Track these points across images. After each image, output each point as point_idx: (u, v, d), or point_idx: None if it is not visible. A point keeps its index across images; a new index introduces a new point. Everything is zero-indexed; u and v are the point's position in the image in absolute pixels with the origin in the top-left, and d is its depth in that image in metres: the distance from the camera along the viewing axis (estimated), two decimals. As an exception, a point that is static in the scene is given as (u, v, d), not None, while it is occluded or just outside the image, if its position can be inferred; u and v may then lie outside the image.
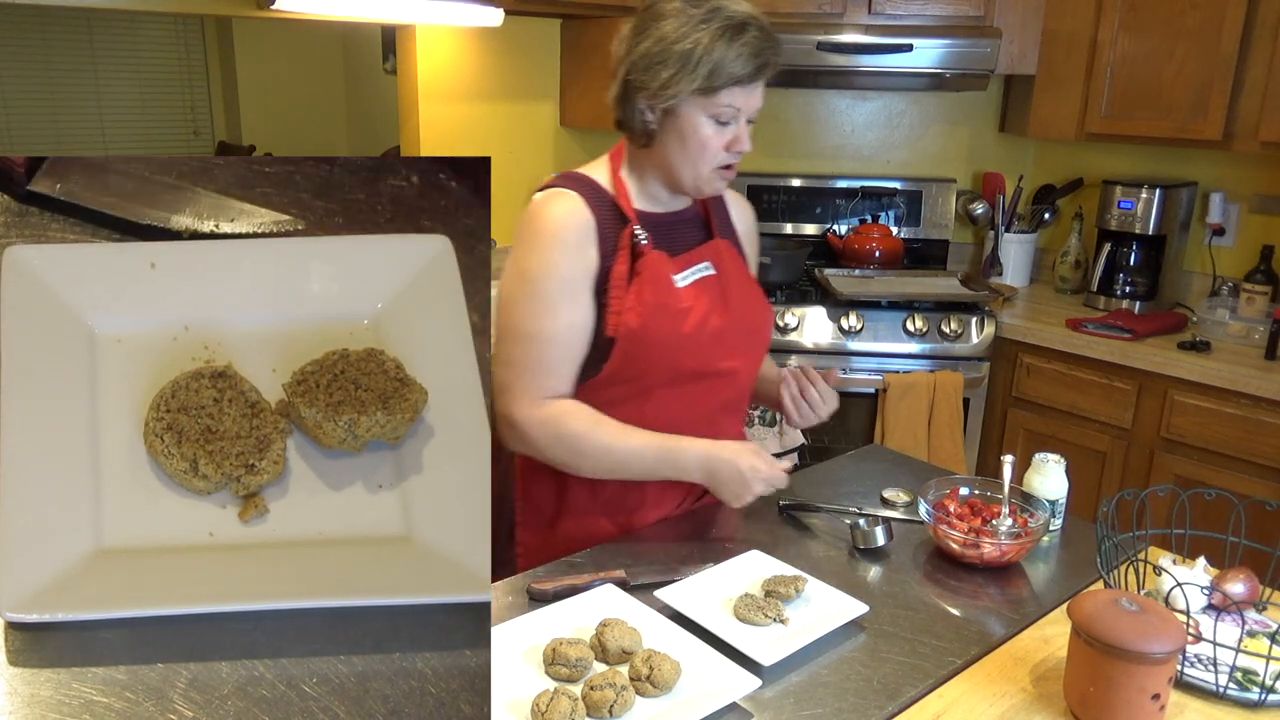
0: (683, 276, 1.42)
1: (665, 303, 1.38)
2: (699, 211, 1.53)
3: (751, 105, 1.37)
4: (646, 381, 1.41)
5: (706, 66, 1.31)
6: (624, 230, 1.40)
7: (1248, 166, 2.82)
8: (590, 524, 1.47)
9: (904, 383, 2.69)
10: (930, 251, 3.29)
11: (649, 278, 1.38)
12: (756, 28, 1.33)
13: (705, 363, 1.42)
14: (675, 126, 1.36)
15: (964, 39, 2.73)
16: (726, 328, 1.44)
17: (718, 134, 1.36)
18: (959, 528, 1.34)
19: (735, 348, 1.46)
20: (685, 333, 1.39)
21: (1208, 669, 1.10)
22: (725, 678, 1.05)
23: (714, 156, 1.38)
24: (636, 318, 1.37)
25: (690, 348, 1.40)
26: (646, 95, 1.35)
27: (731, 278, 1.48)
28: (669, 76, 1.32)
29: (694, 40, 1.31)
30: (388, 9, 2.34)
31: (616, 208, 1.41)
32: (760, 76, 1.35)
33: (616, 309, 1.37)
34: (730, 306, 1.45)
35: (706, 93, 1.32)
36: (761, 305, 1.54)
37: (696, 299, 1.42)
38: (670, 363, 1.39)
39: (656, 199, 1.46)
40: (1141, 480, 2.55)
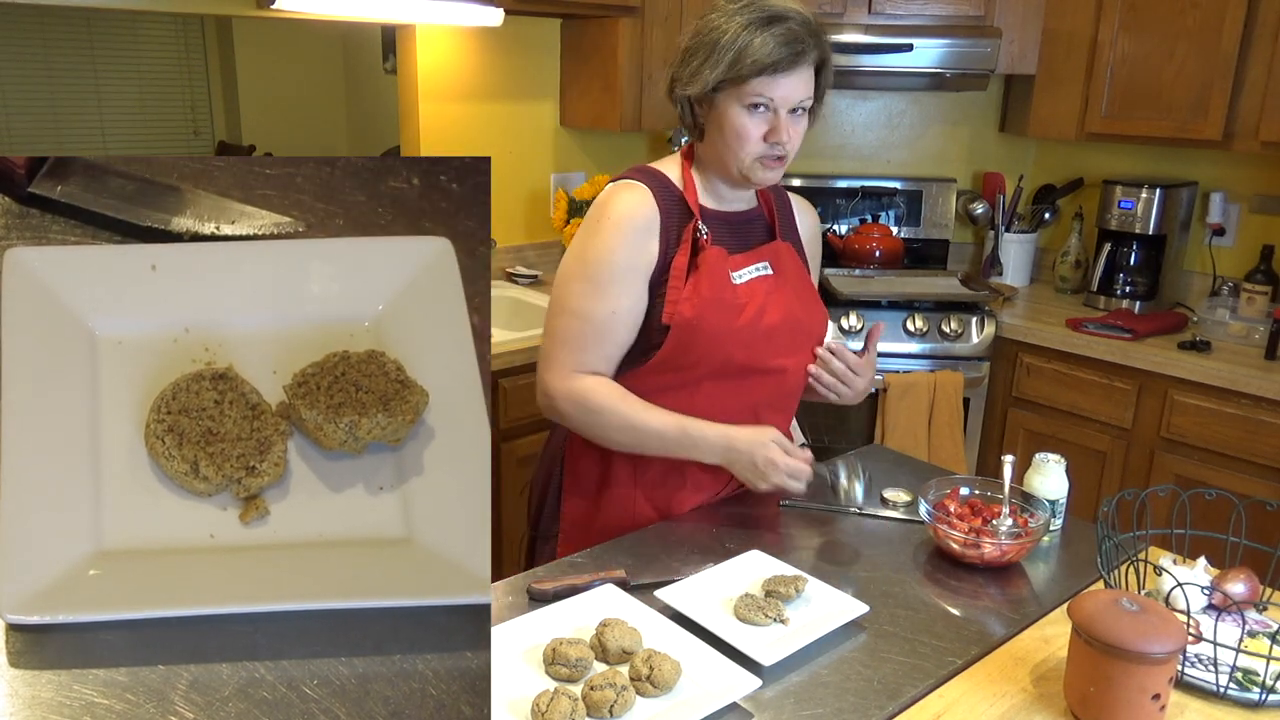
0: (741, 273, 1.46)
1: (721, 296, 1.42)
2: (764, 213, 1.57)
3: (786, 95, 1.37)
4: (697, 372, 1.45)
5: (730, 53, 1.34)
6: (688, 225, 1.45)
7: (1248, 166, 2.82)
8: (630, 501, 1.52)
9: (904, 383, 2.69)
10: (930, 251, 3.29)
11: (707, 271, 1.42)
12: (798, 21, 1.35)
13: (755, 358, 1.46)
14: (715, 118, 1.41)
15: (964, 39, 2.73)
16: (779, 326, 1.47)
17: (754, 124, 1.38)
18: (959, 528, 1.34)
19: (786, 346, 1.49)
20: (737, 326, 1.43)
21: (1208, 669, 1.10)
22: (725, 678, 1.05)
23: (753, 147, 1.39)
24: (692, 308, 1.41)
25: (741, 342, 1.44)
26: (680, 86, 1.41)
27: (789, 279, 1.52)
28: (697, 65, 1.37)
29: (721, 30, 1.35)
30: (388, 9, 2.34)
31: (683, 202, 1.46)
32: (790, 67, 1.35)
33: (673, 299, 1.42)
34: (785, 306, 1.49)
35: (735, 82, 1.36)
36: (816, 307, 1.57)
37: (751, 295, 1.46)
38: (721, 355, 1.43)
39: (721, 197, 1.50)
40: (1142, 480, 2.55)
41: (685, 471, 1.51)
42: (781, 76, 1.36)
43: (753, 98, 1.36)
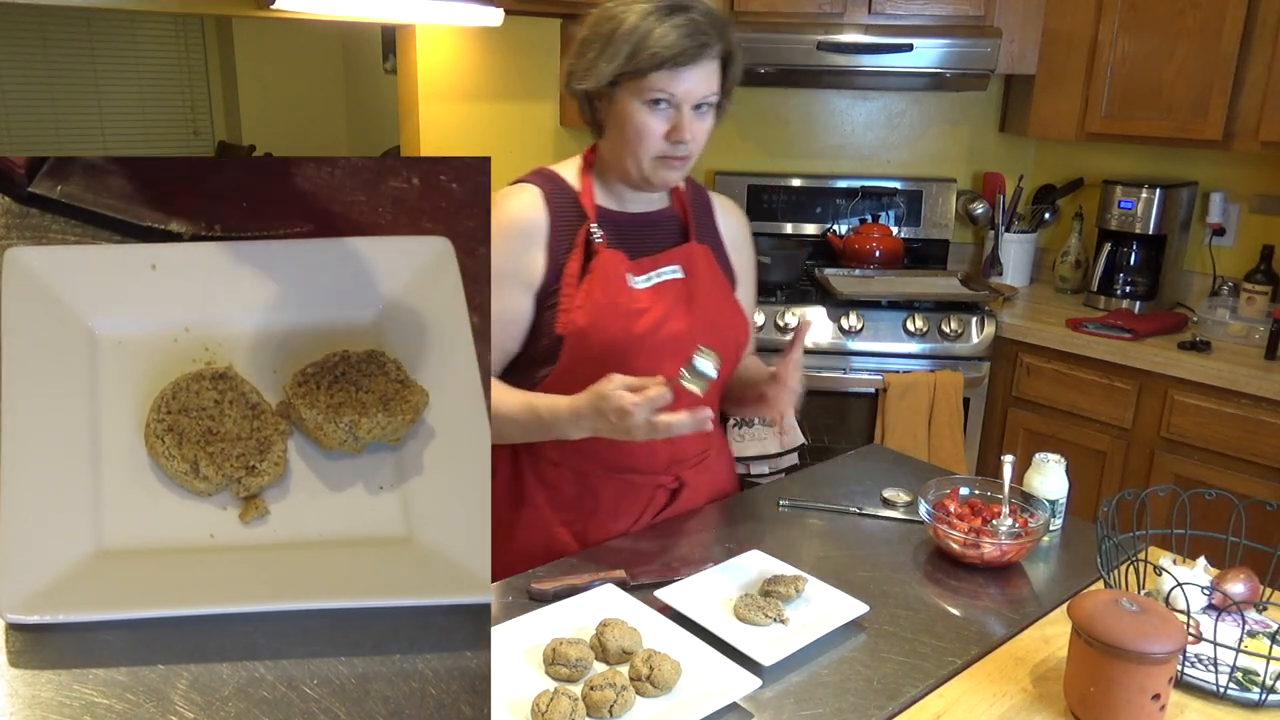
0: (644, 278, 1.39)
1: (616, 302, 1.35)
2: (677, 213, 1.49)
3: (688, 91, 1.30)
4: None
5: (627, 46, 1.27)
6: (581, 228, 1.38)
7: (1248, 166, 2.82)
8: (545, 524, 1.44)
9: (904, 383, 2.69)
10: (930, 251, 3.29)
11: (601, 276, 1.36)
12: (700, 11, 1.28)
13: (659, 367, 1.33)
14: (614, 113, 1.34)
15: (964, 39, 2.73)
16: (687, 333, 1.38)
17: (655, 121, 1.31)
18: (959, 528, 1.34)
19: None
20: (637, 334, 1.36)
21: (1208, 669, 1.10)
22: (725, 678, 1.05)
23: (653, 145, 1.32)
24: (585, 316, 1.35)
25: (642, 350, 1.36)
26: (578, 80, 1.34)
27: (702, 284, 1.43)
28: (593, 57, 1.30)
29: (619, 19, 1.28)
30: (388, 9, 2.34)
31: (578, 204, 1.39)
32: (691, 60, 1.28)
33: (566, 306, 1.35)
34: (695, 312, 1.41)
35: (635, 76, 1.29)
36: (733, 313, 1.48)
37: (655, 301, 1.38)
38: (620, 365, 1.32)
39: (624, 197, 1.43)
40: (1142, 480, 2.55)
41: (599, 493, 1.44)
42: (684, 70, 1.28)
43: (653, 93, 1.29)
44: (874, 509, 1.53)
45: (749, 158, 3.37)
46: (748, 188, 3.25)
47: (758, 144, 3.36)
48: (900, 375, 2.70)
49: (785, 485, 1.63)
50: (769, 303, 2.80)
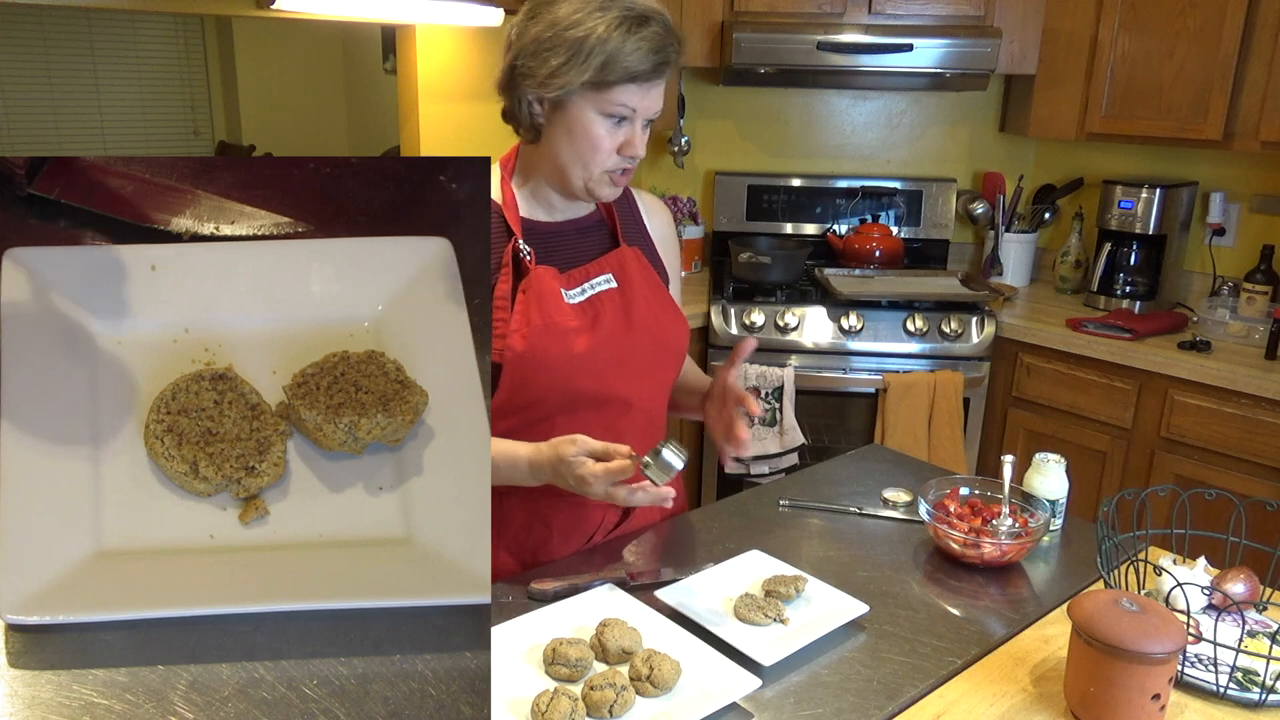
0: (578, 291, 1.33)
1: (554, 322, 1.29)
2: (603, 217, 1.42)
3: (648, 106, 1.26)
4: (542, 410, 1.32)
5: (599, 58, 1.20)
6: (507, 245, 1.31)
7: (1248, 166, 2.82)
8: (495, 560, 1.36)
9: (904, 383, 2.69)
10: (930, 251, 3.29)
11: (535, 296, 1.29)
12: (659, 23, 1.23)
13: (605, 385, 1.32)
14: (564, 121, 1.27)
15: (964, 39, 2.73)
16: (630, 347, 1.35)
17: (610, 134, 1.26)
18: (959, 528, 1.34)
19: (640, 368, 1.37)
20: (578, 354, 1.30)
21: (1208, 669, 1.10)
22: (725, 678, 1.05)
23: (605, 158, 1.27)
24: (522, 340, 1.28)
25: (585, 370, 1.31)
26: (533, 84, 1.25)
27: (637, 291, 1.38)
28: (558, 65, 1.22)
29: (588, 28, 1.21)
30: (388, 9, 2.34)
31: (503, 220, 1.33)
32: (659, 75, 1.24)
33: (501, 332, 1.28)
34: (634, 323, 1.35)
35: (599, 87, 1.22)
36: (672, 318, 1.43)
37: (592, 315, 1.33)
38: (564, 387, 1.29)
39: (552, 205, 1.37)
40: (1142, 480, 2.55)
41: (550, 521, 1.38)
42: (650, 86, 1.24)
43: (616, 106, 1.23)
44: (874, 509, 1.53)
45: (749, 158, 3.37)
46: (748, 188, 3.25)
47: (758, 144, 3.36)
48: (900, 375, 2.70)
49: (785, 485, 1.63)
50: (769, 303, 2.81)
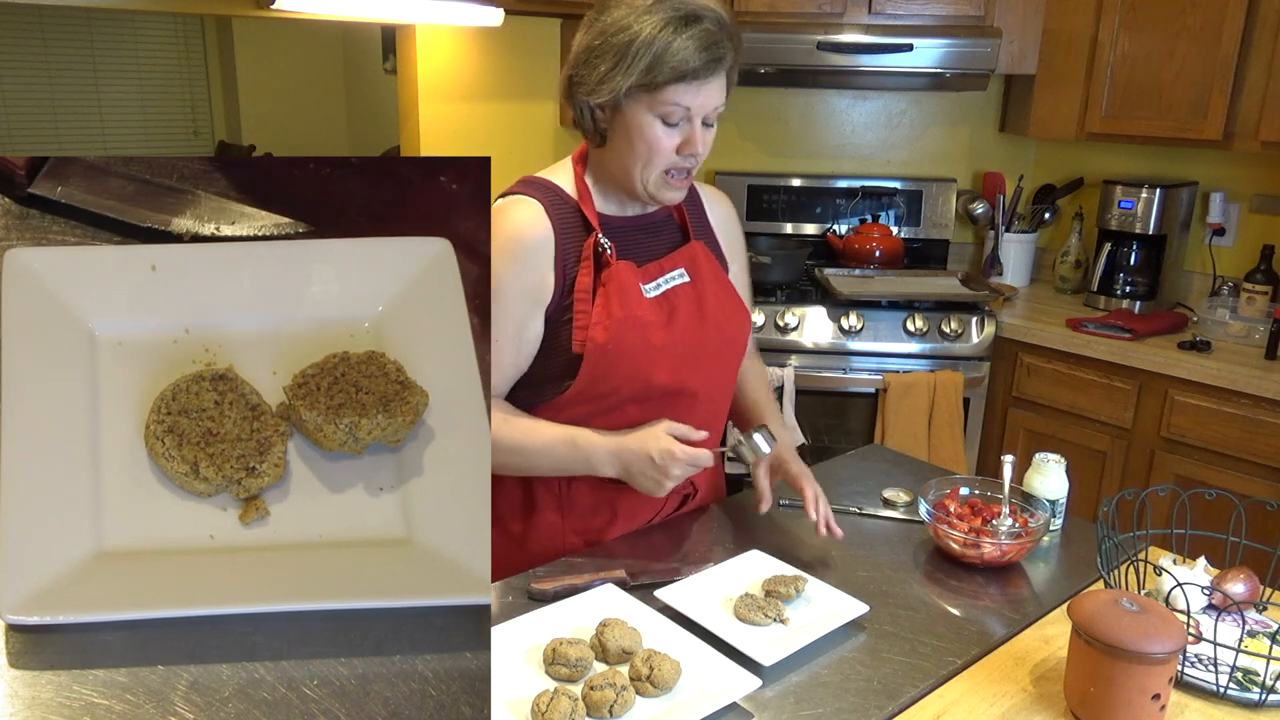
0: (653, 286, 1.36)
1: (635, 315, 1.31)
2: (672, 213, 1.45)
3: (704, 104, 1.26)
4: (615, 399, 1.34)
5: (645, 59, 1.21)
6: (588, 239, 1.33)
7: (1248, 166, 2.82)
8: (557, 532, 1.43)
9: (904, 383, 2.69)
10: (930, 251, 3.29)
11: (615, 290, 1.31)
12: (712, 20, 1.23)
13: (679, 377, 1.35)
14: (622, 125, 1.28)
15: (964, 39, 2.73)
16: (702, 340, 1.37)
17: (667, 135, 1.27)
18: (959, 528, 1.34)
19: (711, 361, 1.40)
20: (657, 346, 1.33)
21: (1208, 669, 1.10)
22: (725, 678, 1.05)
23: (664, 159, 1.28)
24: (604, 332, 1.30)
25: (662, 362, 1.33)
26: (585, 91, 1.28)
27: (708, 285, 1.41)
28: (606, 70, 1.24)
29: (634, 31, 1.22)
30: (388, 9, 2.34)
31: (580, 214, 1.35)
32: (710, 73, 1.24)
33: (583, 324, 1.31)
34: (706, 317, 1.38)
35: (649, 89, 1.23)
36: (739, 314, 1.46)
37: (669, 309, 1.35)
38: (641, 379, 1.32)
39: (624, 202, 1.39)
40: (1142, 480, 2.55)
41: (616, 505, 1.42)
42: (701, 84, 1.24)
43: (668, 106, 1.24)
44: (874, 509, 1.53)
45: (749, 158, 3.37)
46: (748, 188, 3.25)
47: (758, 144, 3.36)
48: (900, 375, 2.70)
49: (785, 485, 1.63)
50: (769, 303, 2.80)
